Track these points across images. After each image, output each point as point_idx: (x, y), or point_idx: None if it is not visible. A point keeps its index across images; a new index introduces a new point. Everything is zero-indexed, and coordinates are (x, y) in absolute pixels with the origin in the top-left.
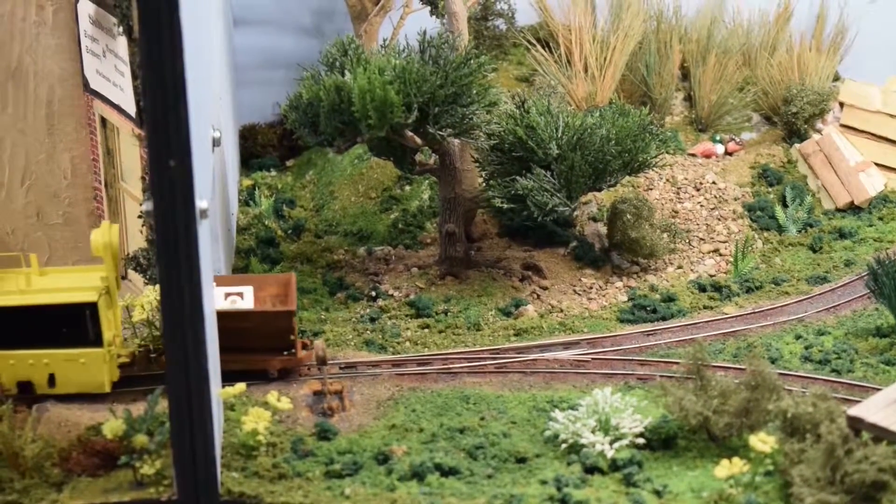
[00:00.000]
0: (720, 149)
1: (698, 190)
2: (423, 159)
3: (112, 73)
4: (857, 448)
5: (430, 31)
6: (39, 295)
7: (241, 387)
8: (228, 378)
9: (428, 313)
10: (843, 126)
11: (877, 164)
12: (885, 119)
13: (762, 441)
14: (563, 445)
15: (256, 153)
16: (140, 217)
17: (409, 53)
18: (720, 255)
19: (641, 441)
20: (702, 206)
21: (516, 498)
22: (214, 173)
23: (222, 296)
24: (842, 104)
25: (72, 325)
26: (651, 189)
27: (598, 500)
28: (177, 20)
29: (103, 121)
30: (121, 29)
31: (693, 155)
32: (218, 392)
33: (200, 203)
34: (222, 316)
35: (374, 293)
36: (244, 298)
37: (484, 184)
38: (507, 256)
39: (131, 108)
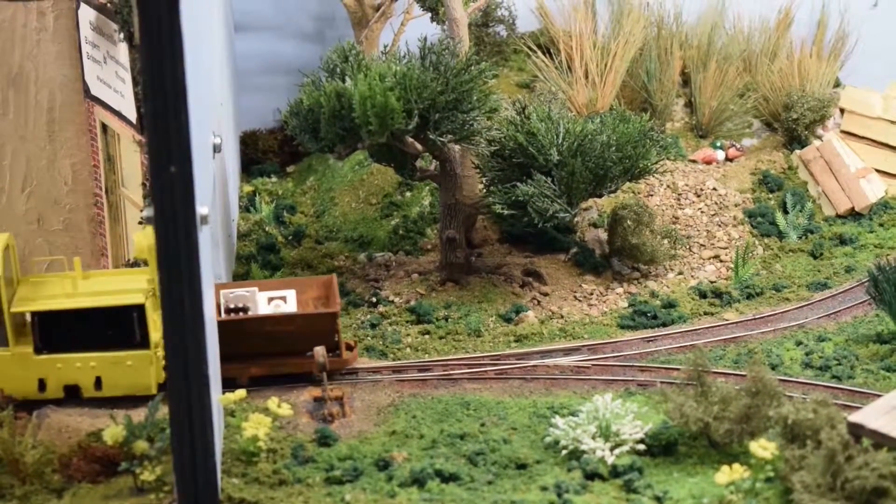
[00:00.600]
0: (721, 155)
1: (699, 196)
2: (423, 165)
3: (113, 79)
4: (858, 454)
5: (430, 38)
6: (87, 298)
7: (241, 393)
8: (274, 382)
9: (428, 319)
10: (843, 132)
11: (877, 171)
12: (885, 125)
13: (763, 447)
14: (564, 451)
15: (257, 159)
16: (141, 223)
17: (409, 59)
18: (721, 261)
19: (642, 447)
20: (702, 212)
21: None
22: (215, 179)
23: (265, 301)
24: (842, 110)
25: (119, 327)
26: (652, 195)
27: None
28: (177, 26)
29: (104, 127)
30: (122, 35)
31: (694, 161)
32: (218, 398)
33: (201, 209)
34: (267, 320)
35: (374, 299)
36: (287, 302)
37: (484, 190)
38: (508, 262)
39: (132, 115)
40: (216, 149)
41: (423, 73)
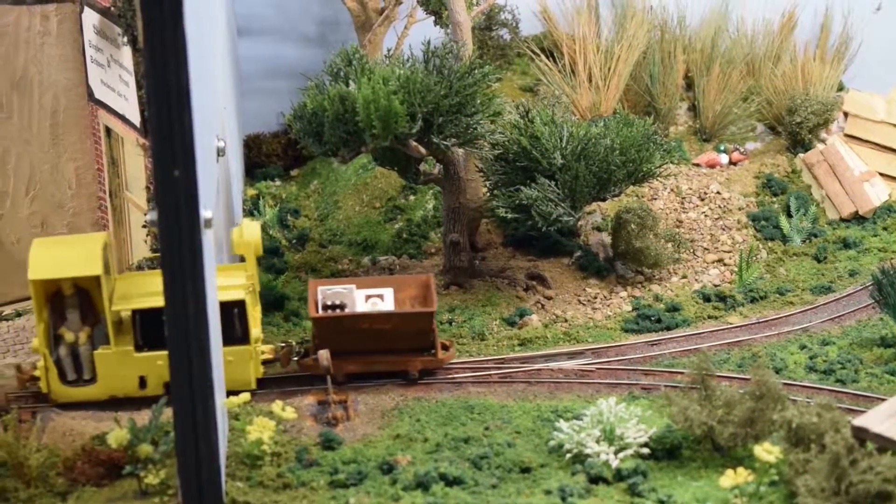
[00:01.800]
0: (724, 159)
1: (703, 200)
2: (427, 169)
3: (116, 82)
4: (862, 458)
5: (434, 41)
6: None
7: (245, 396)
8: (371, 379)
9: None
10: (847, 136)
11: (881, 174)
12: (889, 129)
13: (767, 451)
14: (568, 455)
15: (261, 163)
16: (144, 226)
17: (413, 63)
18: (724, 264)
19: (646, 451)
20: (706, 215)
21: None
22: (219, 183)
23: (363, 298)
24: (846, 114)
25: (221, 323)
26: (655, 199)
27: None
28: (181, 30)
29: (108, 130)
30: (125, 39)
31: (697, 165)
32: (222, 401)
33: (205, 213)
34: (364, 318)
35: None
36: (384, 300)
37: (488, 193)
38: (512, 266)
39: (136, 118)
40: (220, 152)
41: (426, 77)
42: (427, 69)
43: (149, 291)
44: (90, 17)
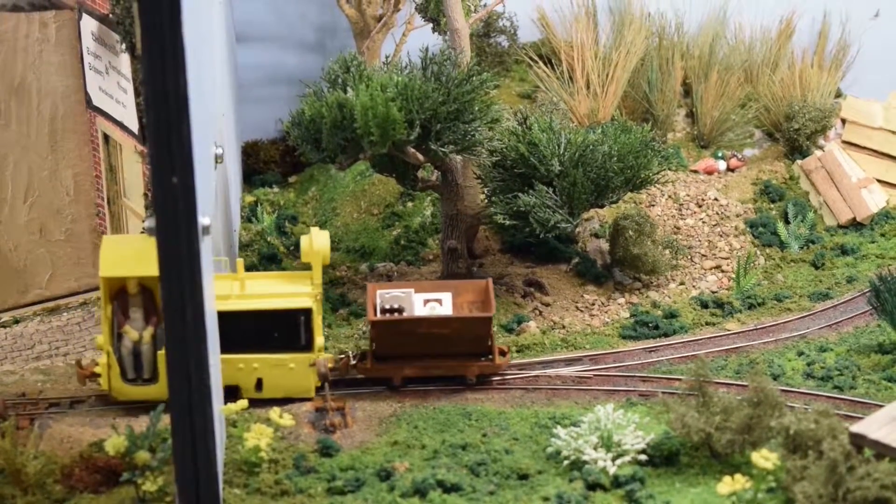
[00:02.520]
0: (722, 165)
1: (700, 206)
2: (425, 176)
3: (115, 89)
4: (860, 465)
5: (432, 48)
6: (256, 300)
7: (242, 403)
8: (428, 383)
9: None
10: (844, 142)
11: (879, 181)
12: (886, 136)
13: (764, 458)
14: (566, 462)
15: (259, 169)
16: (142, 234)
17: (411, 70)
18: (722, 271)
19: (644, 457)
20: (704, 222)
21: None
22: (217, 190)
23: (421, 302)
24: (844, 120)
25: (286, 330)
26: (653, 205)
27: None
28: (179, 37)
29: (106, 137)
30: (124, 46)
31: (695, 171)
32: (220, 408)
33: (203, 220)
34: (422, 322)
35: None
36: (442, 305)
37: (486, 200)
38: (510, 273)
39: (134, 125)
40: (218, 159)
41: (424, 84)
42: (425, 76)
43: (216, 294)
44: (88, 24)
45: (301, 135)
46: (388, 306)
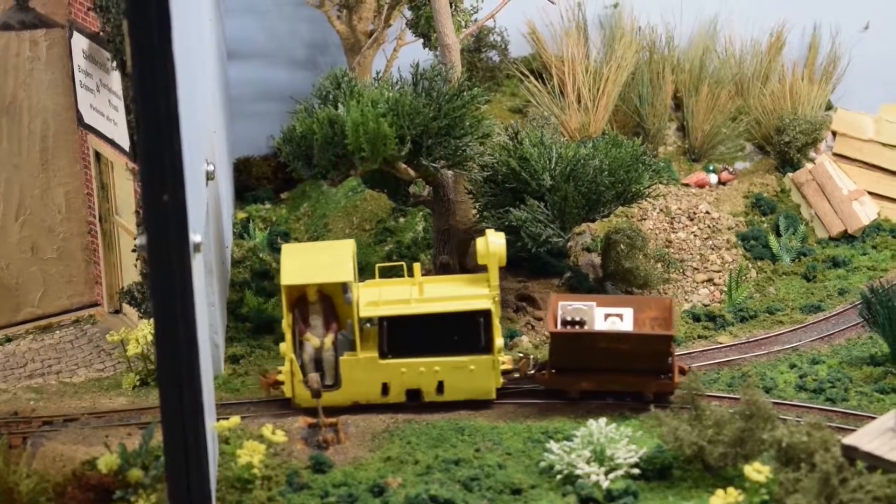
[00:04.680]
0: (713, 178)
1: (692, 220)
2: (416, 191)
3: (106, 107)
4: (852, 477)
5: (423, 64)
6: (435, 304)
7: (235, 420)
8: (604, 397)
9: None
10: (835, 155)
11: (870, 193)
12: (877, 148)
13: (757, 470)
14: (559, 476)
15: (251, 186)
16: (134, 251)
17: (402, 86)
18: (714, 284)
19: (637, 471)
20: (695, 235)
21: None
22: (208, 207)
23: (602, 316)
24: (834, 133)
25: (465, 332)
26: (645, 219)
27: None
28: (170, 54)
29: (97, 155)
30: (114, 63)
31: (686, 185)
32: (213, 425)
33: (194, 237)
34: (602, 337)
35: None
36: (623, 320)
37: (478, 215)
38: (502, 287)
39: (125, 143)
40: (209, 176)
41: (415, 100)
42: (416, 91)
43: (395, 299)
44: (79, 42)
45: (292, 151)
46: (569, 318)
